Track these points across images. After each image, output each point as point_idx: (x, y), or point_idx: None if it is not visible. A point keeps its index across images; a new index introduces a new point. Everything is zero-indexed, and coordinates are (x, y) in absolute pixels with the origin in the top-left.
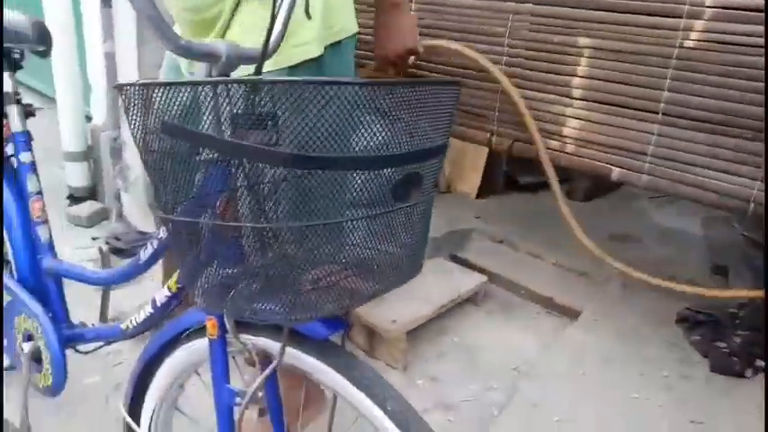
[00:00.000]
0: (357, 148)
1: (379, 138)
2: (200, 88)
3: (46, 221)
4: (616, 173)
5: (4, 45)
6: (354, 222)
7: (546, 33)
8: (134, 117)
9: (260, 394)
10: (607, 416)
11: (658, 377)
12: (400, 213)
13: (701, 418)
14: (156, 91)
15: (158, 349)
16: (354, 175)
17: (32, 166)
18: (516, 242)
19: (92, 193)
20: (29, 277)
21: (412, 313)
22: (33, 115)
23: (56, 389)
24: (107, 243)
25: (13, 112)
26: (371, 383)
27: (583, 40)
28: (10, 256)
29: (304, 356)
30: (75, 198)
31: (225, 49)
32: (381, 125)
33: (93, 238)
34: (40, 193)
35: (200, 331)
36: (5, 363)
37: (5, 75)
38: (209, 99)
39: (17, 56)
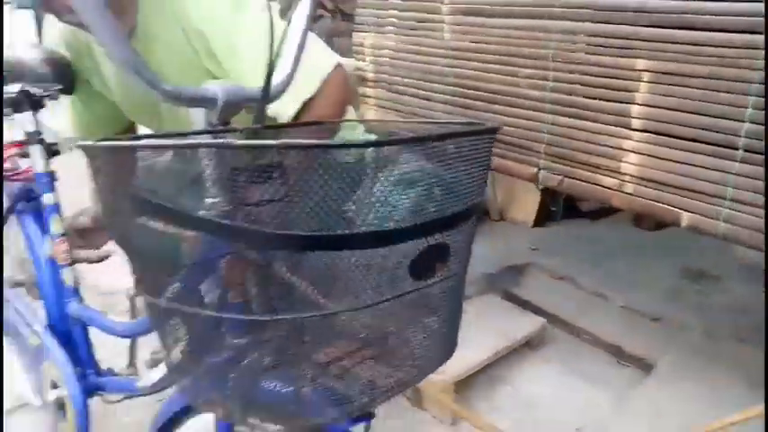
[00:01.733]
0: (370, 219)
1: (399, 205)
2: (188, 152)
3: (71, 264)
4: (686, 218)
5: (25, 88)
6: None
7: (597, 55)
8: (101, 184)
9: None
10: None
11: None
12: (422, 293)
13: None
14: (127, 154)
15: (167, 421)
16: (361, 254)
17: (56, 208)
18: (578, 279)
19: None
20: (57, 322)
21: (462, 360)
22: (58, 153)
23: None
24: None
25: (35, 152)
26: None
27: (641, 62)
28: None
29: None
30: None
31: (221, 92)
32: (401, 189)
33: None
34: (65, 234)
35: None
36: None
37: (28, 113)
38: (193, 163)
39: (37, 96)
